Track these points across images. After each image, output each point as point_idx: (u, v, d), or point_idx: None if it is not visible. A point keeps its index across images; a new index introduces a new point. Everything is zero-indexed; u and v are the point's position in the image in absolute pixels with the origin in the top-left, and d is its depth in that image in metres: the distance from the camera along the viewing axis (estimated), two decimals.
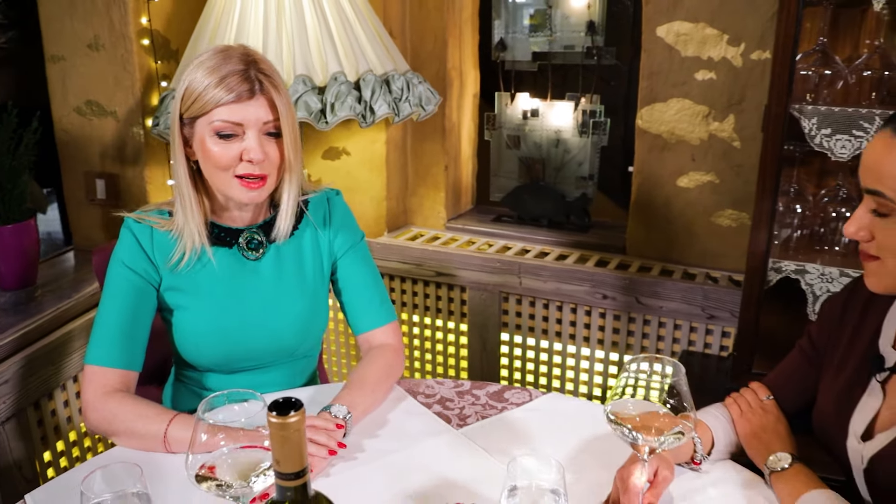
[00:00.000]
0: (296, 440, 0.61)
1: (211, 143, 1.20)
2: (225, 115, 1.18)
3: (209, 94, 1.17)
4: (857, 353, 1.07)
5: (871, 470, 1.00)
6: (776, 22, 1.57)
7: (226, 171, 1.21)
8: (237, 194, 1.24)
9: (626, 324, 2.21)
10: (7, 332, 1.65)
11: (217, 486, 0.84)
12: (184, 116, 1.22)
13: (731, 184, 2.16)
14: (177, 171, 1.26)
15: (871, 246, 0.94)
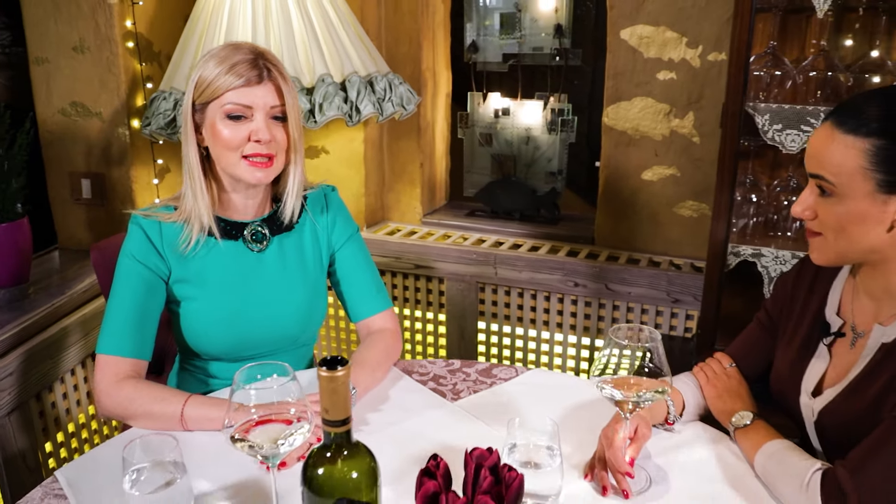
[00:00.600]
0: (342, 392, 0.71)
1: (221, 126, 1.29)
2: (235, 97, 1.27)
3: (221, 79, 1.26)
4: (807, 322, 1.22)
5: (820, 422, 1.14)
6: (731, 27, 1.71)
7: (235, 152, 1.30)
8: (245, 174, 1.32)
9: (597, 309, 2.34)
10: (7, 328, 1.71)
11: (249, 446, 0.94)
12: (196, 103, 1.30)
13: (691, 177, 2.32)
14: (188, 156, 1.33)
15: (815, 224, 1.08)
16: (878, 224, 1.03)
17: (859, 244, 1.05)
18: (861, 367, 1.10)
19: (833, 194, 1.03)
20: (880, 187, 1.00)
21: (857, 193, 1.01)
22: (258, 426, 0.95)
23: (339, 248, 1.51)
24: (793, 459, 1.06)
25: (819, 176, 1.04)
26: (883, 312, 1.10)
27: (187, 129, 1.32)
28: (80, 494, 1.08)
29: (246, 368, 0.95)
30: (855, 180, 1.01)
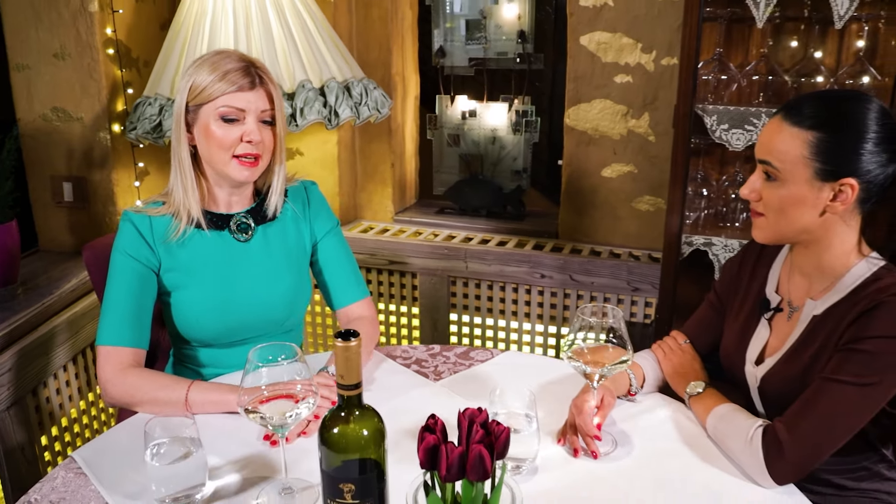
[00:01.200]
0: (355, 360, 0.83)
1: (215, 127, 1.39)
2: (230, 101, 1.37)
3: (216, 84, 1.37)
4: (751, 300, 1.37)
5: (762, 387, 1.30)
6: (681, 35, 1.87)
7: (227, 151, 1.40)
8: (234, 172, 1.42)
9: (562, 299, 2.49)
10: (2, 326, 1.77)
11: (261, 417, 1.05)
12: (189, 104, 1.40)
13: (647, 173, 2.48)
14: (179, 153, 1.43)
15: (759, 206, 1.23)
16: (813, 208, 1.18)
17: (795, 225, 1.20)
18: (796, 336, 1.25)
19: (777, 179, 1.18)
20: (817, 175, 1.16)
21: (798, 179, 1.16)
22: (269, 401, 1.06)
23: (321, 240, 1.62)
24: (739, 419, 1.21)
25: (767, 162, 1.19)
26: (814, 288, 1.26)
27: (180, 129, 1.42)
28: (98, 472, 1.17)
29: (259, 348, 1.06)
30: (797, 167, 1.16)
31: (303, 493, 1.11)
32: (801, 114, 1.16)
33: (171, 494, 1.08)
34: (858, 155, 1.15)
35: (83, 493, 1.12)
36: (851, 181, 1.15)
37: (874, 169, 1.16)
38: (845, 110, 1.16)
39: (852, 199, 1.17)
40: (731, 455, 1.19)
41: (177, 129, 1.42)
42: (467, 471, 0.83)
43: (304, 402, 1.06)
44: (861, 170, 1.15)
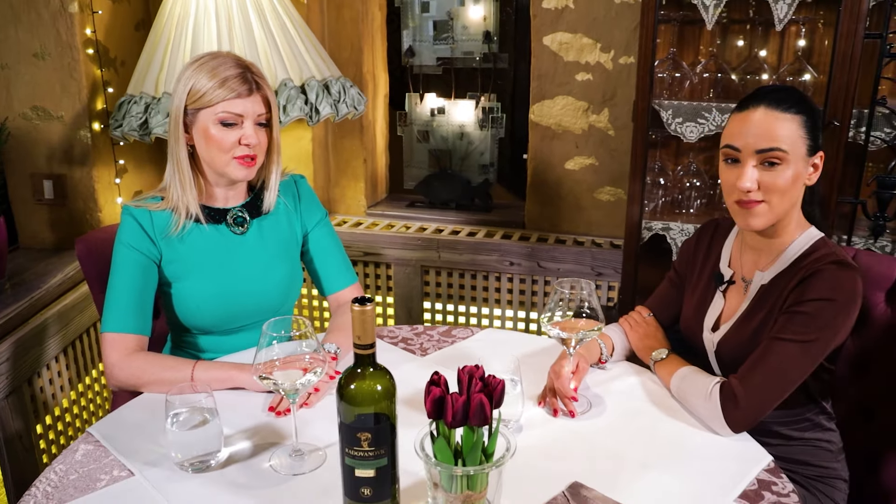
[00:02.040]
0: (370, 322, 0.94)
1: (215, 131, 1.47)
2: (229, 107, 1.46)
3: (215, 91, 1.45)
4: (706, 274, 1.53)
5: (718, 351, 1.45)
6: (638, 36, 2.02)
7: (226, 154, 1.49)
8: (233, 172, 1.51)
9: (531, 285, 2.63)
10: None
11: (273, 384, 1.15)
12: (188, 107, 1.48)
13: (608, 165, 2.64)
14: (177, 153, 1.50)
15: (758, 194, 1.33)
16: (801, 183, 1.34)
17: (791, 202, 1.34)
18: (746, 304, 1.41)
19: (783, 162, 1.30)
20: (808, 150, 1.31)
21: (798, 157, 1.30)
22: (281, 370, 1.17)
23: (311, 230, 1.72)
24: (698, 378, 1.36)
25: (775, 148, 1.29)
26: (762, 261, 1.41)
27: (178, 130, 1.49)
28: (115, 444, 1.26)
29: (273, 321, 1.16)
30: (798, 145, 1.30)
31: (311, 455, 1.21)
32: (785, 102, 1.31)
33: (189, 459, 1.18)
34: (820, 131, 1.33)
35: (105, 462, 1.21)
36: (821, 154, 1.34)
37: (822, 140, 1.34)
38: (799, 95, 1.34)
39: (820, 169, 1.34)
40: (693, 410, 1.34)
41: (175, 129, 1.50)
42: (470, 417, 0.95)
43: (312, 371, 1.17)
44: (822, 145, 1.34)
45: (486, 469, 0.98)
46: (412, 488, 1.11)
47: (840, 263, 1.28)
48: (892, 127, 1.95)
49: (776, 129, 1.30)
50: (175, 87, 1.50)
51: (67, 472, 1.18)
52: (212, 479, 1.17)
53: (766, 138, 1.30)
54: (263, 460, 1.22)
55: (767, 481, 1.16)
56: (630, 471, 1.18)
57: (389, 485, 1.01)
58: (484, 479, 1.00)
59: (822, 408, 1.44)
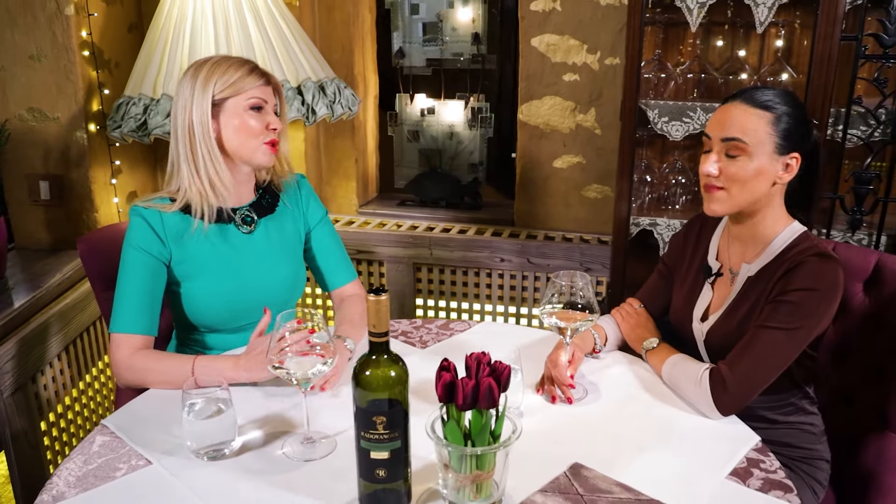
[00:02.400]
0: (384, 312, 1.00)
1: (247, 116, 1.52)
2: (258, 93, 1.53)
3: (245, 79, 1.51)
4: (695, 267, 1.60)
5: (707, 340, 1.52)
6: (625, 39, 2.09)
7: (257, 139, 1.54)
8: (261, 158, 1.56)
9: (521, 280, 2.70)
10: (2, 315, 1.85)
11: (286, 373, 1.20)
12: (216, 98, 1.51)
13: (595, 164, 2.71)
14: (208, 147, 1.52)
15: (719, 181, 1.41)
16: (768, 179, 1.40)
17: (752, 195, 1.41)
18: (734, 295, 1.48)
19: (744, 154, 1.38)
20: (776, 149, 1.38)
21: (762, 153, 1.38)
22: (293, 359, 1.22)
23: (314, 228, 1.77)
24: (689, 365, 1.43)
25: (737, 139, 1.37)
26: (748, 254, 1.49)
27: (207, 124, 1.51)
28: (131, 435, 1.30)
29: (285, 312, 1.21)
30: (763, 141, 1.37)
31: (322, 443, 1.26)
32: (762, 99, 1.38)
33: (205, 447, 1.22)
34: (800, 132, 1.39)
35: (122, 452, 1.25)
36: (797, 155, 1.40)
37: (805, 144, 1.40)
38: (784, 97, 1.40)
39: (796, 171, 1.40)
40: (684, 395, 1.41)
41: (203, 125, 1.51)
42: (479, 400, 1.01)
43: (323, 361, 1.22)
44: (801, 145, 1.40)
45: (495, 449, 1.03)
46: (421, 471, 1.16)
47: (822, 255, 1.36)
48: (867, 125, 2.03)
49: (743, 122, 1.38)
50: (184, 89, 1.53)
51: (86, 461, 1.22)
52: (227, 466, 1.21)
53: (732, 129, 1.39)
54: (276, 448, 1.26)
55: (756, 459, 1.23)
56: (627, 452, 1.25)
57: (403, 466, 1.06)
58: (492, 459, 1.05)
59: (805, 393, 1.52)
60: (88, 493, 1.14)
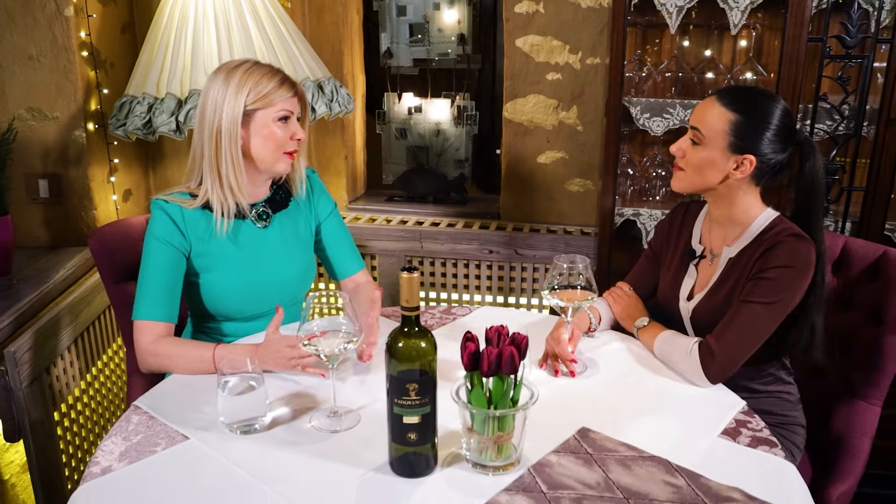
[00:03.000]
0: (416, 288, 1.10)
1: (275, 127, 1.61)
2: (287, 105, 1.62)
3: (276, 92, 1.59)
4: (680, 251, 1.73)
5: (693, 318, 1.65)
6: (608, 40, 2.22)
7: (280, 149, 1.63)
8: (281, 166, 1.65)
9: (509, 271, 2.81)
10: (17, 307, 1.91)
11: (315, 350, 1.30)
12: (248, 108, 1.59)
13: (577, 159, 2.83)
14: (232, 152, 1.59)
15: (682, 162, 1.57)
16: (720, 172, 1.54)
17: (704, 182, 1.56)
18: (717, 275, 1.61)
19: (701, 143, 1.52)
20: (729, 147, 1.51)
21: (716, 147, 1.51)
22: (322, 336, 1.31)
23: (324, 221, 1.86)
24: (679, 339, 1.55)
25: (697, 128, 1.53)
26: (728, 237, 1.62)
27: (236, 131, 1.59)
28: (164, 414, 1.38)
29: (313, 296, 1.30)
30: (717, 137, 1.51)
31: (347, 416, 1.36)
32: (730, 98, 1.52)
33: (237, 422, 1.31)
34: (760, 139, 1.51)
35: (158, 429, 1.33)
36: (751, 157, 1.52)
37: (769, 153, 1.52)
38: (760, 104, 1.52)
39: (748, 172, 1.53)
40: (675, 367, 1.54)
41: (232, 131, 1.58)
42: (502, 366, 1.12)
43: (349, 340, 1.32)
44: (759, 151, 1.52)
45: (516, 411, 1.14)
46: (444, 438, 1.26)
47: (797, 236, 1.49)
48: (832, 120, 2.19)
49: (706, 115, 1.53)
50: (216, 93, 1.59)
51: (126, 438, 1.30)
52: (260, 438, 1.30)
53: (697, 119, 1.55)
54: (304, 422, 1.35)
55: (743, 420, 1.36)
56: (627, 417, 1.37)
57: (431, 431, 1.17)
58: (512, 421, 1.16)
59: (782, 364, 1.66)
60: (134, 465, 1.22)
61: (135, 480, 1.18)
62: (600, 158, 2.73)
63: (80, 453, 2.13)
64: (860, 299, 1.74)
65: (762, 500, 1.12)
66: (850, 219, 2.24)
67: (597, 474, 1.18)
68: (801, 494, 1.15)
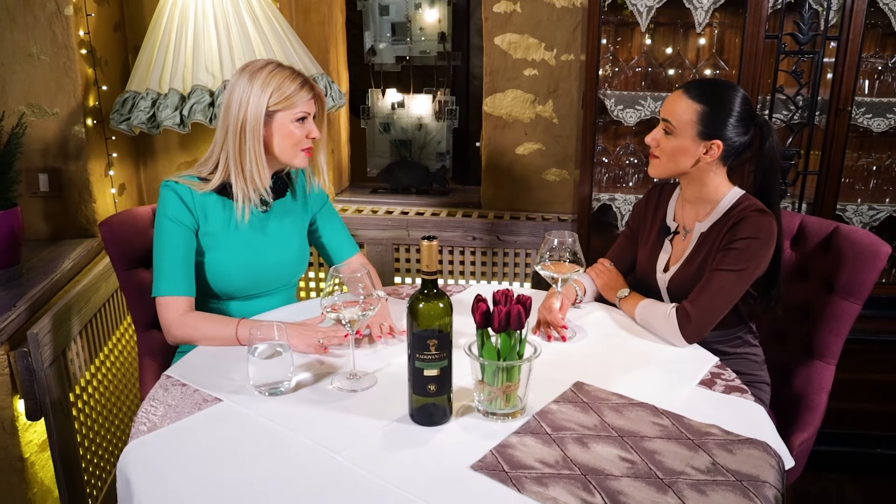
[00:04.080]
0: (434, 255, 1.24)
1: (293, 127, 1.74)
2: (305, 107, 1.74)
3: (297, 94, 1.71)
4: (656, 228, 1.90)
5: (669, 288, 1.82)
6: (583, 37, 2.39)
7: (297, 146, 1.75)
8: (299, 161, 1.78)
9: (491, 257, 2.97)
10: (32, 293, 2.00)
11: (337, 318, 1.43)
12: (270, 108, 1.71)
13: (553, 150, 3.00)
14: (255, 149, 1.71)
15: (657, 151, 1.75)
16: (691, 157, 1.72)
17: (678, 167, 1.74)
18: (690, 249, 1.79)
19: (672, 133, 1.70)
20: (698, 135, 1.69)
21: (685, 136, 1.69)
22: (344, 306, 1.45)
23: (319, 211, 1.99)
24: (657, 306, 1.73)
25: (668, 120, 1.70)
26: (700, 214, 1.80)
27: (258, 129, 1.70)
28: (195, 381, 1.50)
29: (336, 267, 1.44)
30: (686, 127, 1.68)
31: (365, 377, 1.50)
32: (695, 91, 1.69)
33: (266, 384, 1.44)
34: (725, 126, 1.69)
35: (191, 394, 1.45)
36: (718, 142, 1.70)
37: (734, 137, 1.71)
38: (722, 94, 1.70)
39: (717, 156, 1.71)
40: (655, 330, 1.71)
41: (255, 129, 1.70)
42: (510, 323, 1.27)
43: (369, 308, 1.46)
44: (725, 136, 1.70)
45: (522, 363, 1.30)
46: (456, 393, 1.41)
47: (761, 210, 1.68)
48: (788, 110, 2.40)
49: (674, 108, 1.71)
50: (241, 91, 1.70)
51: (165, 402, 1.42)
52: (288, 399, 1.44)
53: (667, 111, 1.73)
54: (326, 384, 1.49)
55: (717, 373, 1.54)
56: (615, 373, 1.53)
57: (448, 383, 1.31)
58: (518, 372, 1.32)
59: (749, 328, 1.85)
60: (177, 423, 1.34)
61: (180, 435, 1.31)
62: (575, 149, 2.90)
63: (91, 434, 2.22)
64: (815, 270, 1.94)
65: (736, 433, 1.30)
66: (805, 200, 2.45)
67: (593, 418, 1.34)
68: (769, 429, 1.33)
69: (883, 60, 2.46)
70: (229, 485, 1.16)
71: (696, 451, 1.24)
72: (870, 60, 2.45)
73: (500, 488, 1.14)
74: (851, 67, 2.28)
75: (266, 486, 1.16)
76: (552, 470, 1.18)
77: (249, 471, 1.20)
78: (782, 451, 1.29)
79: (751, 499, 1.12)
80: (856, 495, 2.53)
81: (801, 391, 1.91)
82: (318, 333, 1.63)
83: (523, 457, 1.22)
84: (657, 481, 1.16)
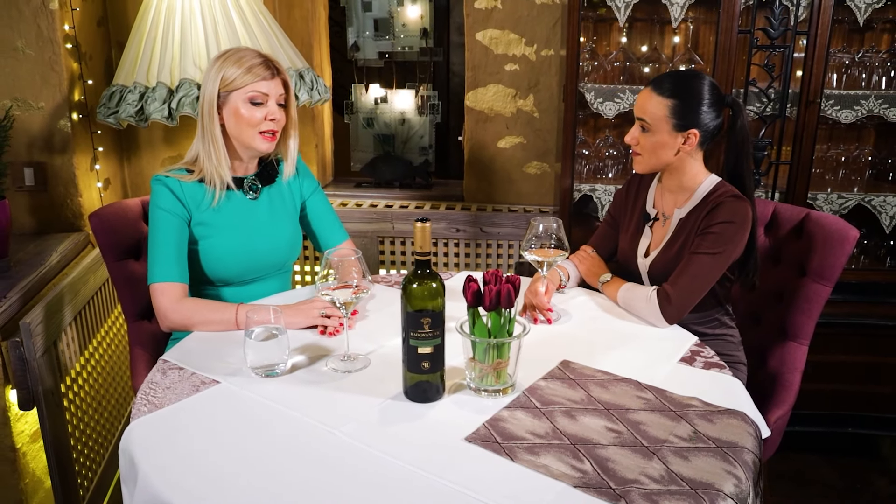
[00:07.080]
0: (428, 236, 1.29)
1: (245, 109, 1.76)
2: (259, 87, 1.76)
3: (244, 76, 1.74)
4: (636, 215, 1.97)
5: (650, 272, 1.89)
6: (563, 32, 2.46)
7: (254, 128, 1.78)
8: (259, 144, 1.80)
9: (475, 248, 3.03)
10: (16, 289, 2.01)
11: (332, 300, 1.48)
12: (221, 91, 1.75)
13: (534, 143, 3.07)
14: (212, 131, 1.77)
15: (637, 148, 1.81)
16: (672, 149, 1.79)
17: (661, 161, 1.80)
18: (669, 234, 1.86)
19: (649, 130, 1.77)
20: (674, 128, 1.76)
21: (662, 131, 1.76)
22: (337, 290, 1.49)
23: (309, 197, 2.03)
24: (639, 289, 1.79)
25: (643, 119, 1.78)
26: (678, 200, 1.87)
27: (213, 112, 1.76)
28: (191, 364, 1.53)
29: (326, 253, 1.49)
30: (661, 123, 1.75)
31: (359, 359, 1.54)
32: (663, 87, 1.76)
33: (262, 366, 1.48)
34: (698, 114, 1.76)
35: (190, 379, 1.48)
36: (695, 131, 1.77)
37: (708, 122, 1.78)
38: (690, 85, 1.77)
39: (696, 143, 1.78)
40: (637, 312, 1.77)
41: (210, 111, 1.76)
42: (501, 301, 1.33)
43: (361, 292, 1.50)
44: (700, 123, 1.77)
45: (512, 340, 1.35)
46: (448, 372, 1.46)
47: (737, 196, 1.75)
48: (760, 102, 2.48)
49: (647, 105, 1.78)
50: (206, 77, 1.77)
51: (163, 383, 1.45)
52: (284, 380, 1.47)
53: (640, 110, 1.80)
54: (321, 366, 1.53)
55: (697, 351, 1.61)
56: (600, 352, 1.59)
57: (441, 361, 1.36)
58: (508, 349, 1.37)
59: (726, 310, 1.92)
60: (178, 403, 1.38)
61: (180, 415, 1.34)
62: (556, 142, 2.97)
63: (82, 424, 2.24)
64: (788, 255, 2.02)
65: (716, 405, 1.36)
66: (777, 189, 2.54)
67: (580, 393, 1.40)
68: (746, 401, 1.40)
69: (850, 55, 2.55)
70: (231, 459, 1.20)
71: (678, 421, 1.30)
72: (837, 55, 2.54)
73: (494, 458, 1.20)
74: (820, 61, 2.37)
75: (269, 460, 1.20)
76: (543, 440, 1.24)
77: (251, 445, 1.24)
78: (759, 421, 1.36)
79: (731, 463, 1.18)
80: (830, 473, 2.63)
81: (776, 371, 1.98)
82: (319, 304, 1.68)
83: (515, 429, 1.28)
84: (643, 449, 1.22)
